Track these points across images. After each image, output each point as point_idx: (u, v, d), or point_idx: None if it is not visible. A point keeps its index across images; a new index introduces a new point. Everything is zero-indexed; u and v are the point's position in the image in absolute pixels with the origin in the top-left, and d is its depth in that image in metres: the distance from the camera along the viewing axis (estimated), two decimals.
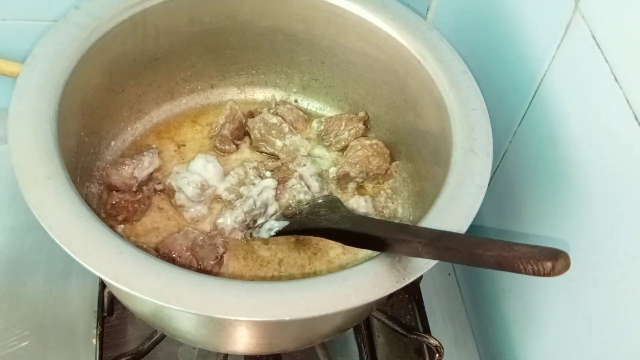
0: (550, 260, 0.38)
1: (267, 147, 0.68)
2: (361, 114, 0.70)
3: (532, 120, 0.58)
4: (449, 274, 0.77)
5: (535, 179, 0.59)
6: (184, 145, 0.68)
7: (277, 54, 0.70)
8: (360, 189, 0.67)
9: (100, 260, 0.42)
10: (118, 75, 0.61)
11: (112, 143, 0.64)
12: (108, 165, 0.62)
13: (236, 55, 0.69)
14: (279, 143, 0.68)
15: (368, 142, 0.67)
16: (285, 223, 0.59)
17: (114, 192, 0.61)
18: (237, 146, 0.68)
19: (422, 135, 0.62)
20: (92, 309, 0.64)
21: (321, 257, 0.61)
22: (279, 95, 0.74)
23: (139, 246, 0.54)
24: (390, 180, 0.67)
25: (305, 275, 0.60)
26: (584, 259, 0.50)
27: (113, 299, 0.64)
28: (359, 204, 0.64)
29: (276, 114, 0.70)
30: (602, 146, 0.48)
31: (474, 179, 0.51)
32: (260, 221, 0.61)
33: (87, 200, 0.49)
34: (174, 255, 0.57)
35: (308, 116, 0.72)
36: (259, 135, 0.68)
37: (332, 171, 0.67)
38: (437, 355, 0.64)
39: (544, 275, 0.40)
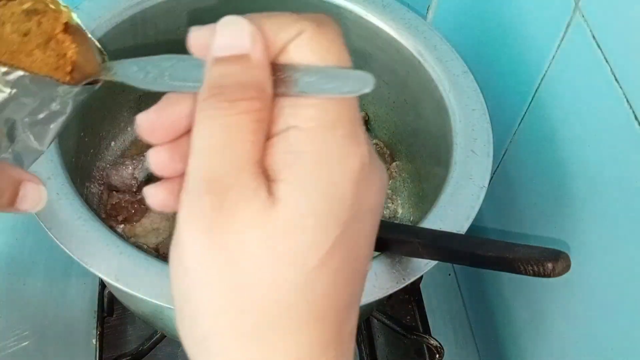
0: (551, 261, 0.38)
1: None
2: (361, 114, 0.70)
3: (532, 120, 0.58)
4: (449, 275, 0.77)
5: (536, 179, 0.59)
6: None
7: None
8: None
9: (100, 261, 0.42)
10: None
11: (112, 143, 0.64)
12: (108, 165, 0.62)
13: None
14: None
15: None
16: None
17: (114, 192, 0.61)
18: None
19: (422, 136, 0.62)
20: (92, 309, 0.64)
21: None
22: None
23: (139, 246, 0.54)
24: (391, 181, 0.67)
25: None
26: (584, 260, 0.50)
27: (113, 299, 0.64)
28: None
29: None
30: (602, 146, 0.48)
31: (474, 180, 0.51)
32: None
33: (87, 200, 0.49)
34: None
35: None
36: None
37: None
38: (437, 355, 0.64)
39: (545, 276, 0.40)
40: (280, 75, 0.24)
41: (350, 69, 0.24)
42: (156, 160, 0.26)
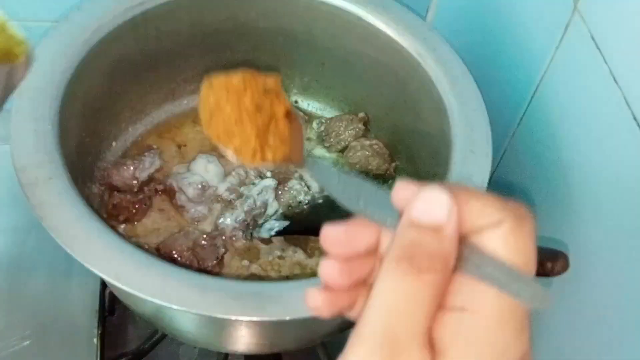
0: (550, 261, 0.39)
1: None
2: (361, 114, 0.70)
3: (530, 121, 0.59)
4: None
5: (535, 179, 0.59)
6: (185, 146, 0.68)
7: (277, 55, 0.70)
8: None
9: (102, 260, 0.43)
10: (119, 75, 0.61)
11: (113, 143, 0.64)
12: (109, 165, 0.62)
13: (237, 56, 0.70)
14: None
15: (368, 142, 0.67)
16: (286, 223, 0.59)
17: (115, 192, 0.61)
18: None
19: (421, 136, 0.62)
20: (93, 309, 0.64)
21: (321, 257, 0.61)
22: None
23: (140, 246, 0.54)
24: (390, 181, 0.67)
25: (305, 275, 0.60)
26: (583, 260, 0.50)
27: (114, 299, 0.64)
28: None
29: None
30: (600, 146, 0.48)
31: (473, 180, 0.51)
32: (260, 221, 0.61)
33: (88, 200, 0.49)
34: (175, 256, 0.57)
35: (308, 117, 0.72)
36: None
37: None
38: None
39: (544, 275, 0.41)
40: (465, 252, 0.26)
41: (532, 278, 0.25)
42: (327, 270, 0.29)
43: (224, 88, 0.36)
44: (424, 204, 0.26)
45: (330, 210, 0.59)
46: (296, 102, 0.74)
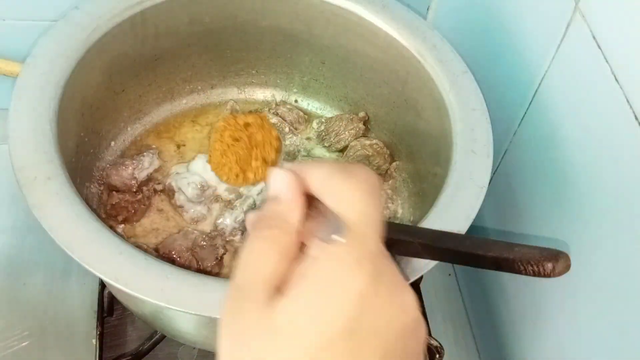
0: (551, 261, 0.38)
1: None
2: (361, 114, 0.70)
3: (532, 120, 0.58)
4: (449, 275, 0.77)
5: (536, 179, 0.59)
6: (184, 145, 0.68)
7: (277, 54, 0.70)
8: None
9: (100, 261, 0.42)
10: (118, 75, 0.61)
11: (112, 143, 0.64)
12: (108, 165, 0.62)
13: (236, 55, 0.69)
14: None
15: (368, 142, 0.67)
16: None
17: (114, 192, 0.61)
18: None
19: (422, 136, 0.62)
20: (92, 309, 0.64)
21: None
22: (279, 95, 0.73)
23: (139, 247, 0.54)
24: (391, 181, 0.67)
25: None
26: (584, 260, 0.50)
27: (113, 299, 0.64)
28: None
29: (276, 114, 0.70)
30: (602, 146, 0.48)
31: (474, 180, 0.51)
32: None
33: (87, 200, 0.49)
34: (174, 256, 0.57)
35: (308, 116, 0.72)
36: None
37: None
38: (437, 355, 0.64)
39: (545, 276, 0.40)
40: (315, 215, 0.32)
41: (342, 221, 0.30)
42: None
43: (214, 130, 0.45)
44: (274, 182, 0.33)
45: None
46: (296, 101, 0.74)
